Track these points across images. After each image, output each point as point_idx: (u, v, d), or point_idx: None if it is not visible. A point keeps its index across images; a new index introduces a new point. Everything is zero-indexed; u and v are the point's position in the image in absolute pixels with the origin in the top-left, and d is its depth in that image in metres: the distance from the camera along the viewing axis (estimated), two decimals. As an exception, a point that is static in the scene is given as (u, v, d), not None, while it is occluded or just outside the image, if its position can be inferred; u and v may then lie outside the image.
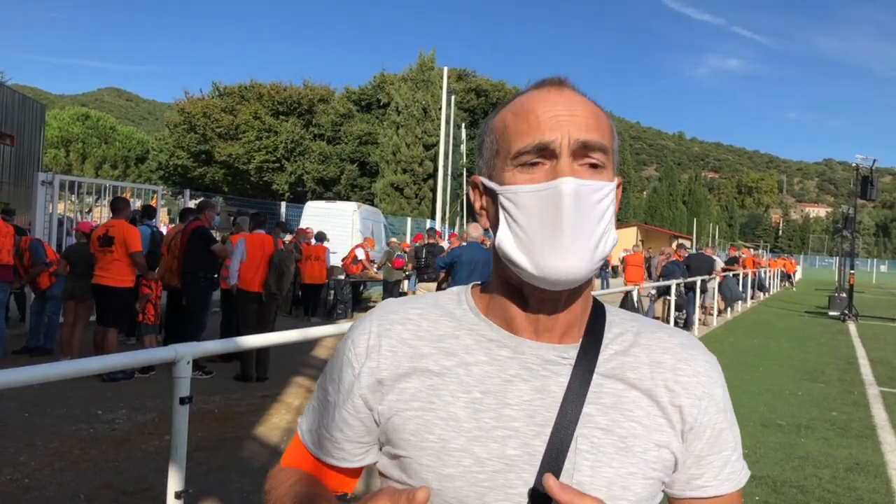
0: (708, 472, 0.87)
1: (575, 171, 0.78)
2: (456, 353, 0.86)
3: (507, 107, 0.86)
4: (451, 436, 0.81)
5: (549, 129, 0.79)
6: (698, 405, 0.86)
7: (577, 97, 0.83)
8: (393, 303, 0.93)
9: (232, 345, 3.16)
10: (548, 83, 0.85)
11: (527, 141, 0.79)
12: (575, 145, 0.78)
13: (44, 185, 9.96)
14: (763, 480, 4.72)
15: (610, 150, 0.82)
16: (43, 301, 8.10)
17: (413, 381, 0.85)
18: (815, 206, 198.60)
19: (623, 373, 0.85)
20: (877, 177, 17.10)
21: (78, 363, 2.21)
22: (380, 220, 20.67)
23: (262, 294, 7.45)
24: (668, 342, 0.90)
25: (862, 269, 70.86)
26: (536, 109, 0.81)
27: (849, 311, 17.50)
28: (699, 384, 0.87)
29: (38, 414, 5.54)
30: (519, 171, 0.80)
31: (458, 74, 47.34)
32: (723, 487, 0.88)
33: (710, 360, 0.90)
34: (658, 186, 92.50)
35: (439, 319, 0.89)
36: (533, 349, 0.84)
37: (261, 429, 5.51)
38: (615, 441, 0.81)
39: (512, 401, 0.82)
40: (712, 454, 0.87)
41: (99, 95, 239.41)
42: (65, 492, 3.99)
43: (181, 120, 46.35)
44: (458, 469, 0.81)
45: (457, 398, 0.83)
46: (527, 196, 0.79)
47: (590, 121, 0.80)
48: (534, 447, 0.80)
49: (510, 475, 0.80)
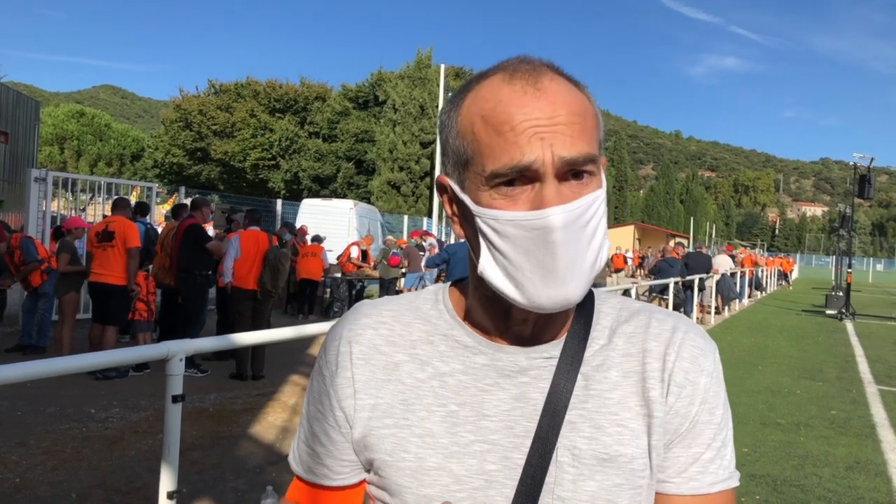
0: (672, 467, 0.78)
1: (561, 194, 0.69)
2: (430, 362, 0.80)
3: (472, 99, 0.74)
4: (428, 454, 0.76)
5: (529, 145, 0.68)
6: (678, 393, 0.78)
7: (556, 94, 0.70)
8: (366, 305, 0.87)
9: (225, 342, 3.10)
10: (520, 76, 0.72)
11: (503, 160, 0.69)
12: (560, 164, 0.68)
13: (37, 182, 9.89)
14: (763, 479, 4.69)
15: (598, 152, 0.72)
16: (35, 299, 8.05)
17: (385, 396, 0.79)
18: (812, 205, 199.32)
19: (609, 370, 0.78)
20: (874, 176, 17.11)
21: (67, 360, 2.16)
22: (376, 218, 20.64)
23: (258, 291, 7.39)
24: (659, 328, 0.81)
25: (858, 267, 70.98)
26: (511, 118, 0.69)
27: (846, 309, 17.52)
28: (682, 370, 0.78)
29: (30, 412, 5.48)
30: (496, 193, 0.70)
31: (456, 72, 47.19)
32: (685, 487, 0.77)
33: (700, 347, 0.80)
34: (655, 185, 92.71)
35: (413, 323, 0.83)
36: (511, 355, 0.78)
37: (256, 427, 5.46)
38: (598, 451, 0.75)
39: (490, 412, 0.76)
40: (681, 447, 0.78)
41: (94, 93, 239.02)
42: (57, 491, 3.93)
43: (177, 117, 46.17)
44: (435, 489, 0.75)
45: (432, 412, 0.77)
46: (509, 226, 0.69)
47: (574, 127, 0.69)
48: (513, 460, 0.75)
49: (490, 491, 0.75)
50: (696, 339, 0.81)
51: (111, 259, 6.96)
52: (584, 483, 0.74)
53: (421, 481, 0.76)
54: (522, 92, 0.70)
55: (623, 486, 0.75)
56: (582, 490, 0.74)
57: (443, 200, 0.81)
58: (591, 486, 0.74)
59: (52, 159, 50.82)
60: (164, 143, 47.16)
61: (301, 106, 46.64)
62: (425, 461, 0.76)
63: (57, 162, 51.23)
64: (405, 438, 0.77)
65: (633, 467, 0.75)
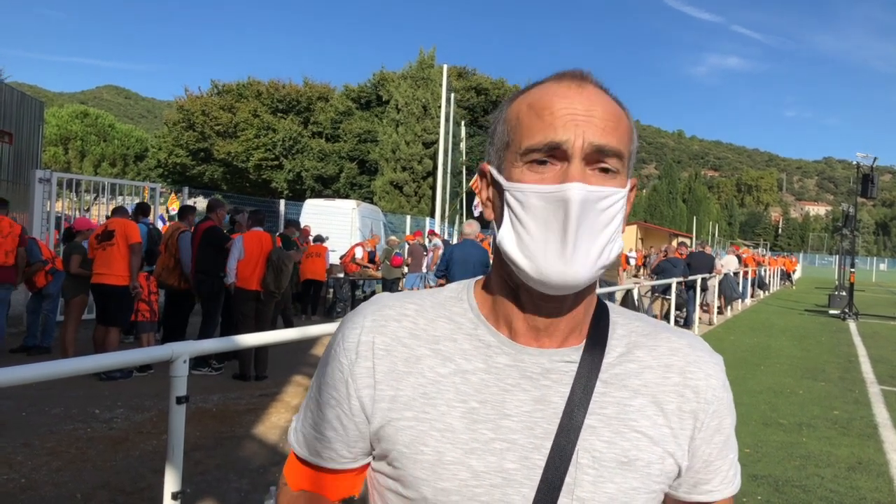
0: (716, 477, 0.85)
1: (586, 176, 0.75)
2: (452, 359, 0.82)
3: (523, 96, 0.82)
4: (447, 448, 0.78)
5: (564, 128, 0.75)
6: (707, 409, 0.84)
7: (598, 95, 0.78)
8: (388, 297, 0.89)
9: (229, 343, 3.12)
10: (568, 76, 0.80)
11: (538, 138, 0.76)
12: (589, 149, 0.75)
13: (41, 183, 9.92)
14: (765, 480, 4.69)
15: (626, 155, 0.78)
16: (39, 299, 8.08)
17: (406, 389, 0.81)
18: (815, 204, 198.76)
19: (627, 378, 0.82)
20: (877, 175, 17.07)
21: (72, 362, 2.17)
22: (379, 218, 20.66)
23: (261, 292, 7.42)
24: (676, 343, 0.87)
25: (862, 267, 70.85)
26: (553, 105, 0.76)
27: (849, 309, 17.48)
28: (709, 388, 0.85)
29: (35, 413, 5.51)
30: (528, 169, 0.77)
31: (458, 72, 47.23)
32: (728, 490, 0.87)
33: (718, 363, 0.88)
34: (658, 185, 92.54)
35: (437, 320, 0.85)
36: (533, 357, 0.81)
37: (259, 428, 5.48)
38: (618, 455, 0.78)
39: (511, 411, 0.79)
40: (721, 458, 0.85)
41: (98, 93, 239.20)
42: (61, 491, 3.96)
43: (180, 118, 46.24)
44: (454, 483, 0.77)
45: (452, 408, 0.79)
46: (533, 197, 0.75)
47: (608, 123, 0.76)
48: (533, 461, 0.77)
49: (508, 490, 0.77)
50: (712, 356, 0.89)
51: (112, 258, 6.98)
52: (603, 485, 0.77)
53: (439, 475, 0.78)
54: (567, 87, 0.78)
55: (640, 490, 0.79)
56: (601, 492, 0.77)
57: (479, 188, 0.86)
58: (611, 489, 0.77)
59: (55, 160, 50.92)
60: (168, 143, 47.22)
61: (304, 106, 46.68)
62: (444, 455, 0.78)
63: (61, 162, 51.33)
64: (424, 432, 0.79)
65: (650, 472, 0.79)
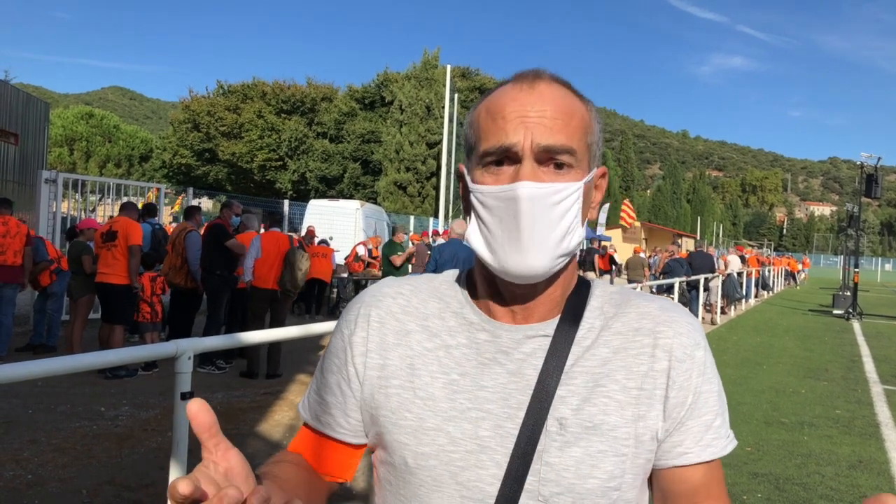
0: (688, 438, 0.85)
1: (538, 174, 0.79)
2: (439, 335, 0.89)
3: (484, 101, 0.87)
4: (428, 415, 0.84)
5: (514, 131, 0.80)
6: (679, 367, 0.85)
7: (549, 93, 0.82)
8: (390, 279, 0.97)
9: (232, 340, 3.15)
10: (521, 78, 0.84)
11: (492, 142, 0.81)
12: (537, 149, 0.79)
13: (47, 183, 9.98)
14: (766, 478, 4.71)
15: (578, 150, 0.82)
16: (44, 298, 8.14)
17: (395, 359, 0.88)
18: (820, 204, 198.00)
19: (599, 348, 0.85)
20: (882, 175, 17.04)
21: (76, 359, 2.20)
22: (383, 219, 20.66)
23: (277, 291, 7.61)
24: (646, 307, 0.89)
25: (866, 267, 70.65)
26: (504, 108, 0.81)
27: (853, 309, 17.45)
28: (680, 346, 0.86)
29: (41, 410, 5.56)
30: (486, 172, 0.83)
31: (462, 72, 47.21)
32: (705, 454, 0.85)
33: (692, 322, 0.89)
34: (662, 185, 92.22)
35: (428, 300, 0.92)
36: (510, 333, 0.86)
37: (263, 426, 5.52)
38: (583, 420, 0.82)
39: (487, 383, 0.84)
40: (693, 418, 0.85)
41: (103, 94, 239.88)
42: (68, 488, 4.00)
43: (185, 118, 46.36)
44: (432, 448, 0.83)
45: (435, 378, 0.86)
46: (490, 197, 0.81)
47: (557, 122, 0.80)
48: (506, 429, 0.82)
49: (482, 456, 0.82)
50: (685, 316, 0.90)
51: (114, 258, 7.07)
52: (569, 450, 0.81)
53: (420, 440, 0.84)
54: (519, 90, 0.83)
55: (607, 453, 0.81)
56: (568, 456, 0.81)
57: (460, 189, 0.91)
58: (577, 453, 0.81)
59: (61, 160, 51.15)
60: (173, 144, 47.34)
61: (308, 107, 46.73)
62: (425, 422, 0.84)
63: (66, 163, 51.54)
64: (409, 399, 0.85)
65: (616, 435, 0.82)
